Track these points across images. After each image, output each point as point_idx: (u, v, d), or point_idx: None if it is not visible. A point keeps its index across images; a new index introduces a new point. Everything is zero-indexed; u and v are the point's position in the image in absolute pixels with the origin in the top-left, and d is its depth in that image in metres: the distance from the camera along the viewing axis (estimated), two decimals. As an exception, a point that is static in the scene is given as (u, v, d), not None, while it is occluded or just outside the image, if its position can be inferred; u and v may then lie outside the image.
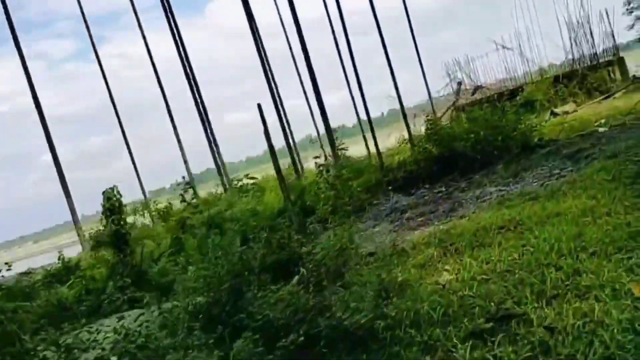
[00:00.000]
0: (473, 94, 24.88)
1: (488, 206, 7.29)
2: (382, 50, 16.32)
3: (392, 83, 16.40)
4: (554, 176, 8.14)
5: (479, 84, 24.40)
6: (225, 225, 10.10)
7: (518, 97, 21.52)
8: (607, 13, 22.95)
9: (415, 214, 9.00)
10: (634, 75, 24.76)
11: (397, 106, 26.74)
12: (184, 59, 16.55)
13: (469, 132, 11.91)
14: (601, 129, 10.62)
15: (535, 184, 8.09)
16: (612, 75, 22.02)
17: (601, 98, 19.10)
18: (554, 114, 17.66)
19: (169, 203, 14.51)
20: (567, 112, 17.67)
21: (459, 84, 25.33)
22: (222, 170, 16.60)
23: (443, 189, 10.88)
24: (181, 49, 16.57)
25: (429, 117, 12.37)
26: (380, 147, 15.06)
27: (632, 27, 33.99)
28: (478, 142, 11.61)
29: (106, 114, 14.15)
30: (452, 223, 6.72)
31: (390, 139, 20.17)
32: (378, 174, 13.20)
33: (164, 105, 18.34)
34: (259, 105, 9.23)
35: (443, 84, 25.68)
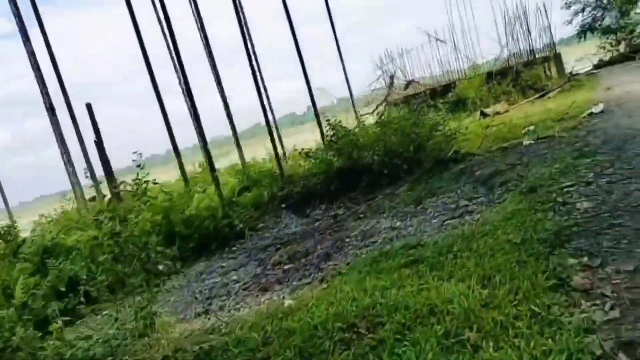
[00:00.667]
0: (405, 88, 23.15)
1: (366, 256, 5.28)
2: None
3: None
4: (460, 209, 6.24)
5: (412, 78, 22.65)
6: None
7: (450, 94, 19.92)
8: (544, 7, 21.65)
9: (287, 253, 6.93)
10: (570, 72, 23.71)
11: (331, 100, 24.72)
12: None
13: (377, 140, 9.95)
14: (526, 142, 8.86)
15: (436, 220, 6.16)
16: (548, 72, 20.75)
17: (535, 97, 17.69)
18: (484, 115, 16.05)
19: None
20: (498, 113, 16.09)
21: (392, 77, 23.52)
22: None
23: (340, 211, 8.90)
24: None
25: (329, 121, 10.25)
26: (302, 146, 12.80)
27: (570, 22, 33.37)
28: (387, 153, 9.67)
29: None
30: (297, 298, 4.64)
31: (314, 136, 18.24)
32: (275, 186, 11.06)
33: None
34: (88, 106, 6.83)
35: (375, 77, 23.81)
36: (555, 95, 17.17)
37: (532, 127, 10.61)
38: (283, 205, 10.10)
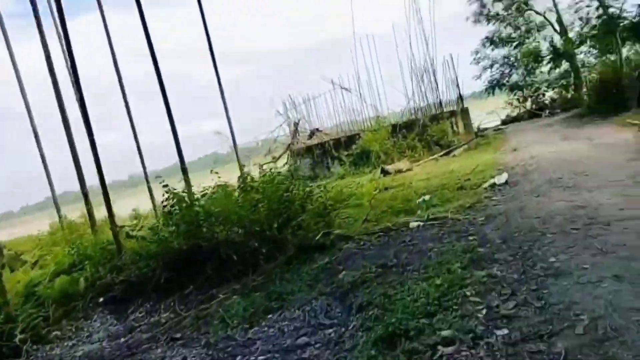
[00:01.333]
0: (310, 137, 21.30)
1: None
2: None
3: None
4: (293, 352, 3.98)
5: (316, 127, 20.88)
6: None
7: (354, 146, 18.23)
8: (452, 60, 20.84)
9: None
10: (478, 128, 22.96)
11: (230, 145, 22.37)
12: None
13: (233, 213, 7.64)
14: (414, 224, 6.91)
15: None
16: (455, 127, 19.67)
17: (440, 154, 16.31)
18: (385, 172, 14.32)
19: None
20: (400, 170, 14.44)
21: (296, 125, 21.63)
22: None
23: (166, 315, 6.41)
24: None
25: (166, 185, 7.84)
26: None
27: (479, 77, 33.63)
28: (246, 230, 7.38)
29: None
30: None
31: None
32: (104, 267, 8.37)
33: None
34: None
35: (278, 123, 21.83)
36: (461, 153, 15.87)
37: (427, 197, 8.80)
38: (101, 299, 7.45)
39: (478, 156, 13.58)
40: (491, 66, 31.64)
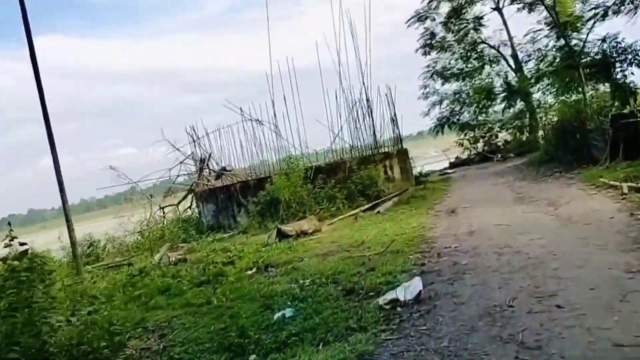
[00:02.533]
0: (217, 178, 17.28)
1: None
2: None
3: None
4: None
5: (225, 166, 16.94)
6: None
7: (262, 192, 14.31)
8: (390, 91, 17.44)
9: None
10: (420, 173, 19.52)
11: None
12: None
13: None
14: None
15: None
16: (389, 172, 16.11)
17: (363, 208, 12.61)
18: (281, 235, 10.46)
19: None
20: (304, 232, 10.62)
21: (202, 162, 17.61)
22: None
23: None
24: None
25: None
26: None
27: (427, 113, 30.63)
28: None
29: None
30: None
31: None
32: None
33: None
34: None
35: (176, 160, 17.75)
36: (388, 208, 12.18)
37: (289, 312, 4.94)
38: None
39: (404, 218, 9.92)
40: (440, 102, 28.70)
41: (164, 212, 17.88)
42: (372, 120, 16.93)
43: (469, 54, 27.55)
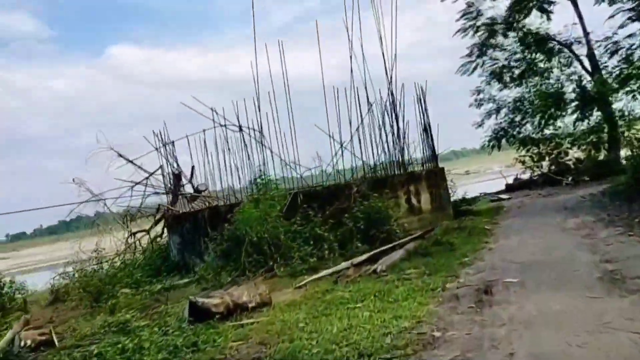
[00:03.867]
0: (192, 201, 13.55)
1: None
2: None
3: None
4: None
5: (199, 184, 13.21)
6: None
7: (228, 225, 10.41)
8: (421, 90, 13.21)
9: None
10: (462, 199, 14.96)
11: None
12: None
13: None
14: None
15: None
16: (413, 200, 11.82)
17: (356, 261, 8.42)
18: (198, 314, 6.44)
19: None
20: (241, 307, 6.61)
21: (177, 178, 13.95)
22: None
23: None
24: None
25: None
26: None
27: (480, 124, 25.77)
28: None
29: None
30: None
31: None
32: None
33: None
34: None
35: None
36: (395, 263, 7.93)
37: None
38: None
39: (401, 297, 5.69)
40: (497, 111, 23.85)
41: (134, 240, 14.38)
42: (398, 129, 12.71)
43: (532, 50, 22.62)
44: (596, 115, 22.03)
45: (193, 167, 13.79)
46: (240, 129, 11.51)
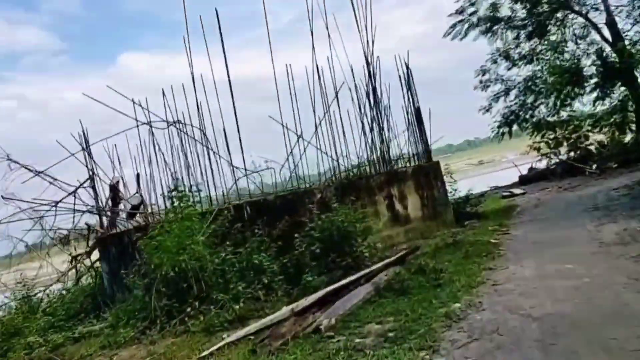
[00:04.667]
0: (130, 218, 11.02)
1: None
2: None
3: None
4: None
5: (130, 197, 10.71)
6: None
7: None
8: (406, 68, 10.66)
9: None
10: (465, 197, 12.28)
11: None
12: None
13: None
14: None
15: None
16: (398, 206, 9.22)
17: (300, 306, 5.77)
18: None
19: None
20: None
21: (114, 189, 11.42)
22: None
23: None
24: None
25: None
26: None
27: (487, 109, 22.93)
28: None
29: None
30: None
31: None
32: None
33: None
34: None
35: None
36: (351, 311, 5.31)
37: None
38: None
39: None
40: (506, 93, 21.03)
41: (76, 265, 11.94)
42: (379, 117, 10.12)
43: (545, 24, 19.80)
44: (619, 91, 19.14)
45: (138, 175, 11.24)
46: (169, 125, 8.98)
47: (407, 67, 10.64)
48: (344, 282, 6.17)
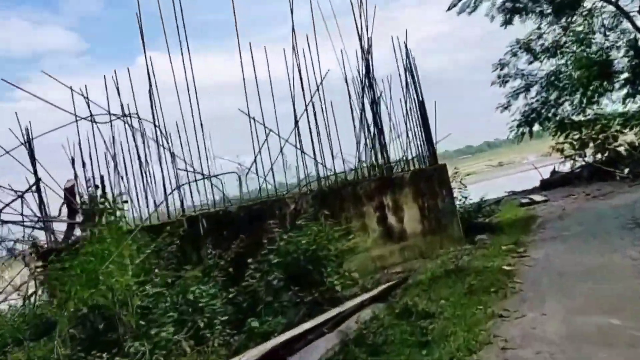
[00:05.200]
0: (67, 235, 9.50)
1: None
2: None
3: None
4: None
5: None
6: None
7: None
8: (406, 48, 9.07)
9: None
10: (477, 205, 10.61)
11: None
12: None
13: None
14: None
15: None
16: (391, 219, 7.58)
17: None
18: None
19: None
20: None
21: (70, 193, 9.94)
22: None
23: None
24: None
25: None
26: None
27: (506, 107, 21.08)
28: None
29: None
30: None
31: None
32: None
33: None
34: None
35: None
36: None
37: None
38: None
39: None
40: (527, 89, 19.18)
41: (28, 282, 10.55)
42: (378, 113, 8.55)
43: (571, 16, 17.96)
44: (655, 86, 17.20)
45: (102, 178, 9.74)
46: (112, 119, 7.48)
47: (407, 51, 9.01)
48: (301, 328, 4.59)
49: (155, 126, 7.55)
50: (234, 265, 5.89)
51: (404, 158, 9.19)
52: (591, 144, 17.54)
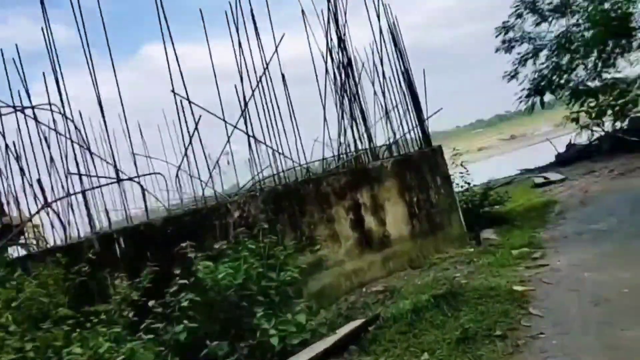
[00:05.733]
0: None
1: None
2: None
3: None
4: None
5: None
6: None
7: None
8: (395, 17, 7.27)
9: None
10: (486, 188, 8.92)
11: None
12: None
13: None
14: None
15: None
16: (371, 222, 5.89)
17: None
18: None
19: None
20: None
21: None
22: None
23: None
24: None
25: None
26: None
27: (513, 75, 19.14)
28: None
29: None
30: None
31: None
32: None
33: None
34: None
35: None
36: None
37: None
38: None
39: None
40: (535, 54, 17.28)
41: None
42: (355, 92, 6.89)
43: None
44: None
45: (39, 181, 8.16)
46: (16, 110, 5.92)
47: (386, 11, 7.28)
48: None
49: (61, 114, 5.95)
50: (147, 297, 4.32)
51: (389, 141, 7.54)
52: (609, 112, 15.65)
